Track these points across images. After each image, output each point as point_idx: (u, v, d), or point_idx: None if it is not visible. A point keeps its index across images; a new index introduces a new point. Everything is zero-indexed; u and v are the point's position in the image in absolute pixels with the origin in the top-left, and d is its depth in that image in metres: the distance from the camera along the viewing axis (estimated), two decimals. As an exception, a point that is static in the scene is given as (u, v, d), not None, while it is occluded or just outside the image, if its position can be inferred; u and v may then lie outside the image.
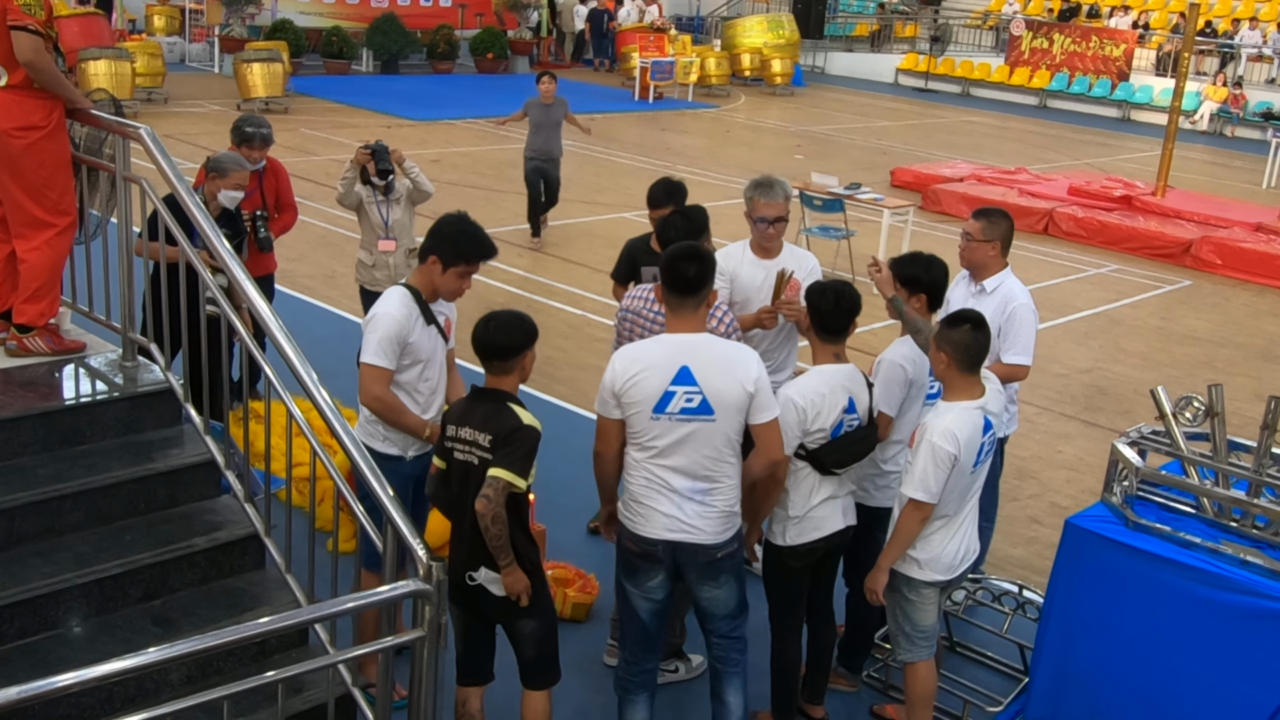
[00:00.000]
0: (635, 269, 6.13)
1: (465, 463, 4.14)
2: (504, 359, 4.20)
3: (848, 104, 28.24)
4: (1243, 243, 14.37)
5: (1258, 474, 4.78)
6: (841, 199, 12.38)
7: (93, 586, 4.31)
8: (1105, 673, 4.87)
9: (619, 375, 4.27)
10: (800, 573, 4.84)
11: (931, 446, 4.50)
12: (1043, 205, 15.80)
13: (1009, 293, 5.59)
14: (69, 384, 5.17)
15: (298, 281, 10.55)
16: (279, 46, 21.84)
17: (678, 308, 4.33)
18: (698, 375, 4.22)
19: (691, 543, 4.34)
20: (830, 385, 4.65)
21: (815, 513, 4.71)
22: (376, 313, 4.63)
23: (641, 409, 4.24)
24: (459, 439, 4.16)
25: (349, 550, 5.07)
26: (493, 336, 4.19)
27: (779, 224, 5.60)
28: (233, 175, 6.44)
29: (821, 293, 4.76)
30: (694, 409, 4.22)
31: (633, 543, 4.41)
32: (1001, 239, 5.64)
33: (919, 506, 4.56)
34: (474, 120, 21.33)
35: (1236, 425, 5.37)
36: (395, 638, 3.79)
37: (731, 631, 4.60)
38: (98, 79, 17.05)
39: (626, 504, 4.43)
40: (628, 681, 4.61)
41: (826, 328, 4.73)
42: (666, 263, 4.33)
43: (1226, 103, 27.36)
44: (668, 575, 4.43)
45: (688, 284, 4.28)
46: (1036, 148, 23.24)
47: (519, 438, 4.05)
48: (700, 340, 4.32)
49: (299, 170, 14.55)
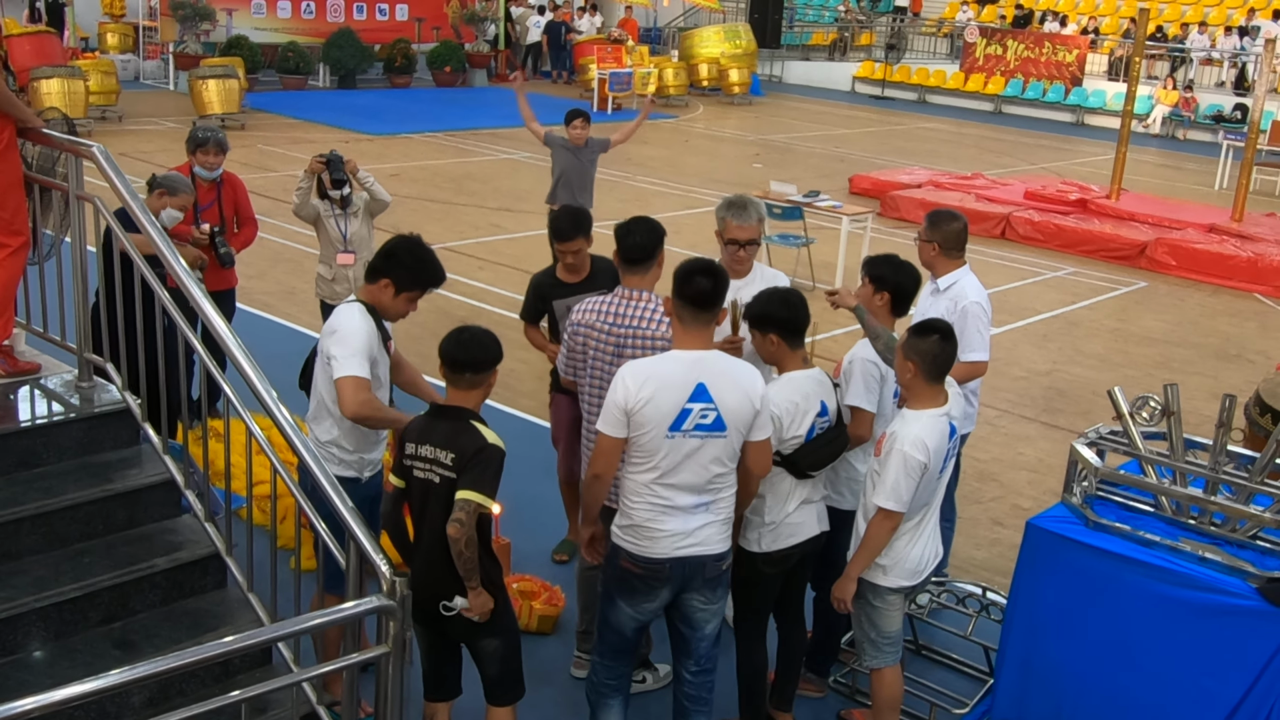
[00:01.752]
0: (544, 305, 5.93)
1: (425, 481, 4.11)
2: (475, 372, 4.18)
3: (805, 112, 28.39)
4: (1196, 244, 14.54)
5: (1214, 471, 4.84)
6: (800, 207, 12.45)
7: (51, 610, 4.26)
8: (1069, 672, 4.91)
9: (631, 393, 4.18)
10: (772, 579, 4.83)
11: (903, 456, 4.51)
12: (999, 210, 15.93)
13: (960, 291, 5.68)
14: (24, 406, 5.11)
15: (256, 298, 10.49)
16: (234, 63, 21.72)
17: (690, 323, 4.27)
18: (713, 392, 4.19)
19: (700, 555, 4.32)
20: (803, 392, 4.64)
21: (791, 519, 4.70)
22: (342, 327, 4.56)
23: (655, 427, 4.18)
24: (419, 457, 4.12)
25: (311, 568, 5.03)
26: (467, 350, 4.17)
27: (751, 247, 5.40)
28: (181, 195, 6.41)
29: (782, 303, 4.68)
30: (709, 425, 4.20)
31: (637, 565, 4.33)
32: (940, 240, 5.72)
33: (889, 516, 4.57)
34: (432, 134, 21.29)
35: (1193, 424, 5.41)
36: (360, 654, 3.77)
37: (707, 663, 4.56)
38: (50, 98, 16.89)
39: (628, 529, 4.34)
40: (602, 686, 4.58)
41: (797, 331, 4.67)
42: (682, 277, 4.27)
43: (1178, 106, 27.70)
44: (671, 592, 4.39)
45: (703, 299, 4.23)
46: (992, 153, 23.44)
47: (485, 458, 4.03)
48: (712, 357, 4.29)
49: (256, 186, 14.46)
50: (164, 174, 6.59)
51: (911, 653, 5.70)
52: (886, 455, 4.57)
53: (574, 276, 5.81)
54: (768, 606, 4.94)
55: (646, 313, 4.85)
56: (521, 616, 5.52)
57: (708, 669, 4.57)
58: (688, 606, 4.45)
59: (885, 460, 4.57)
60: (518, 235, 13.75)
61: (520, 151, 20.05)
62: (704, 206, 16.21)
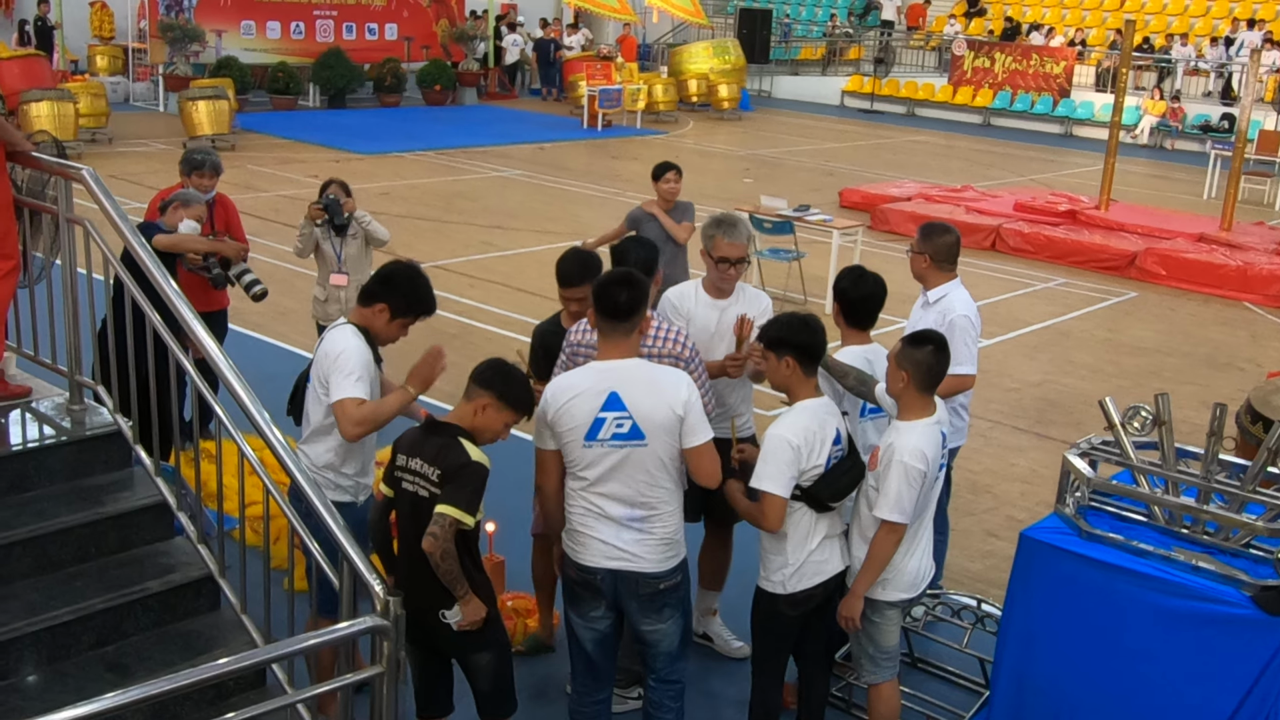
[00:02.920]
0: (552, 357, 5.17)
1: (413, 494, 4.12)
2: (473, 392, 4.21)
3: (795, 127, 28.47)
4: (1186, 253, 14.59)
5: (1206, 480, 4.84)
6: (791, 221, 12.47)
7: (44, 634, 4.25)
8: (1065, 682, 4.90)
9: (549, 404, 4.28)
10: (794, 620, 4.70)
11: (904, 467, 4.50)
12: (989, 222, 15.97)
13: (948, 305, 5.71)
14: (15, 429, 5.10)
15: (248, 319, 10.46)
16: (224, 83, 21.74)
17: (609, 334, 4.32)
18: (626, 400, 4.21)
19: (632, 571, 4.31)
20: (819, 420, 4.54)
21: (815, 557, 4.58)
22: (339, 349, 4.53)
23: (573, 437, 4.24)
24: (408, 469, 4.13)
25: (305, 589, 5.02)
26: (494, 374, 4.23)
27: (740, 265, 5.35)
28: (194, 206, 6.62)
29: (802, 326, 4.55)
30: (625, 434, 4.21)
31: (574, 570, 4.39)
32: (932, 252, 5.75)
33: (894, 529, 4.55)
34: (423, 152, 21.32)
35: (1185, 433, 5.42)
36: (354, 675, 3.76)
37: (670, 675, 4.55)
38: (40, 120, 16.89)
39: (568, 533, 4.42)
40: (579, 714, 4.60)
41: (816, 357, 4.56)
42: (598, 289, 4.33)
43: (1165, 116, 27.82)
44: (609, 607, 4.40)
45: (618, 310, 4.27)
46: (982, 165, 23.51)
47: (467, 474, 4.03)
48: (629, 365, 4.31)
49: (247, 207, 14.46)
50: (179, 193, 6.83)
51: (907, 665, 5.69)
52: (885, 468, 4.55)
53: None
54: (787, 647, 4.81)
55: (654, 330, 4.84)
56: (515, 634, 5.51)
57: (670, 679, 4.57)
58: (634, 624, 4.46)
59: (885, 473, 4.55)
60: (509, 253, 13.77)
61: (511, 169, 20.09)
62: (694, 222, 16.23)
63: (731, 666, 5.67)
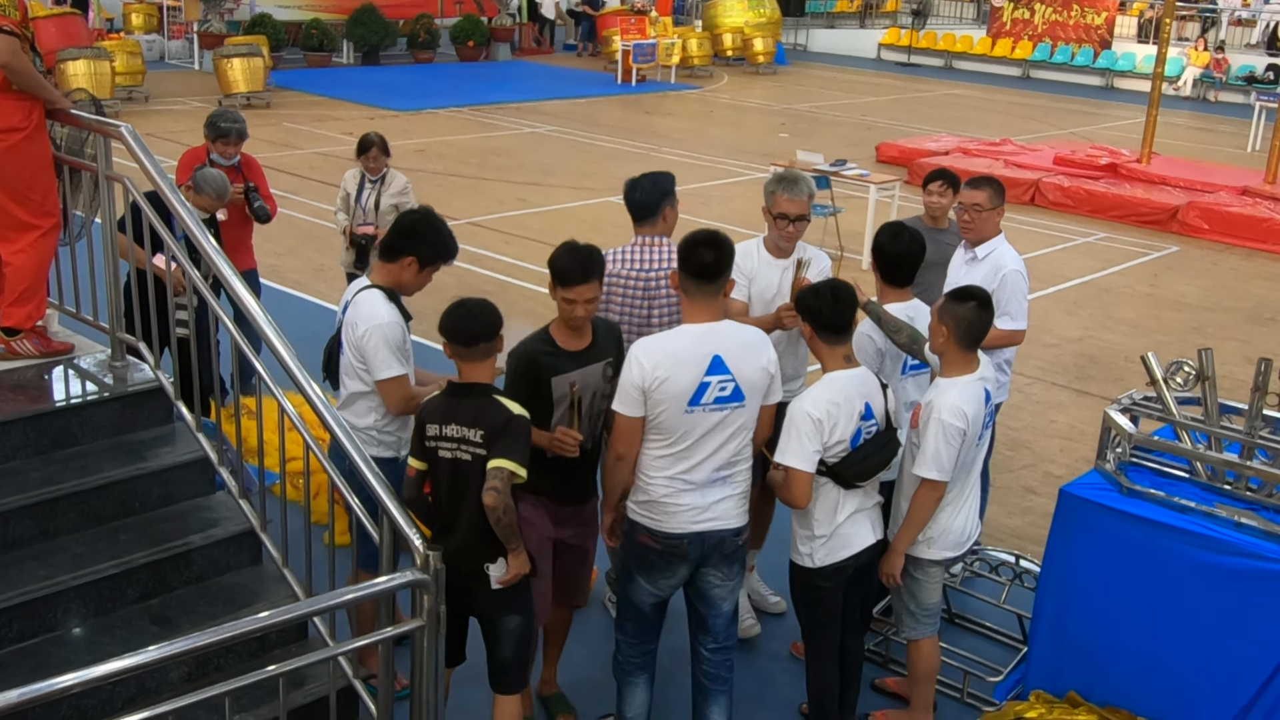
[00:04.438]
0: (536, 380, 4.44)
1: (453, 460, 4.08)
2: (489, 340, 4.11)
3: (831, 81, 28.19)
4: (1229, 207, 14.38)
5: (1250, 436, 4.80)
6: (827, 176, 12.37)
7: (90, 588, 4.31)
8: (1103, 639, 4.89)
9: (647, 372, 4.13)
10: (831, 593, 4.63)
11: (942, 424, 4.47)
12: (1029, 176, 15.80)
13: (999, 259, 5.65)
14: (59, 386, 5.15)
15: (286, 276, 10.53)
16: (258, 41, 21.75)
17: (697, 295, 4.22)
18: (730, 363, 4.14)
19: (718, 530, 4.27)
20: (844, 393, 4.40)
21: (843, 529, 4.51)
22: (370, 325, 4.49)
23: (672, 404, 4.12)
24: (444, 437, 4.09)
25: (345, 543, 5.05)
26: (479, 321, 4.10)
27: (800, 223, 5.19)
28: (205, 198, 6.30)
29: (815, 294, 4.49)
30: (727, 397, 4.15)
31: (656, 540, 4.28)
32: (1002, 205, 5.74)
33: (934, 486, 4.53)
34: (457, 109, 21.27)
35: (1227, 389, 5.36)
36: (395, 628, 3.79)
37: (727, 639, 4.51)
38: (77, 79, 16.97)
39: (645, 505, 4.30)
40: (628, 664, 4.55)
41: (829, 326, 4.44)
42: (685, 249, 4.23)
43: (1209, 67, 27.36)
44: (689, 569, 4.35)
45: (705, 270, 4.18)
46: (1021, 119, 23.22)
47: (514, 427, 4.02)
48: (724, 327, 4.23)
49: (283, 165, 14.53)
50: (203, 172, 6.49)
51: (945, 621, 5.68)
52: (924, 426, 4.53)
53: (577, 341, 4.48)
54: (834, 621, 4.69)
55: (666, 254, 5.08)
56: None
57: (727, 645, 4.52)
58: (704, 583, 4.40)
59: (924, 431, 4.52)
60: (544, 209, 13.74)
61: (545, 125, 20.03)
62: (730, 178, 16.17)
63: (770, 621, 5.69)
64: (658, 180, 5.23)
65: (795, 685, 5.06)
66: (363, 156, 7.79)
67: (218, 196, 6.40)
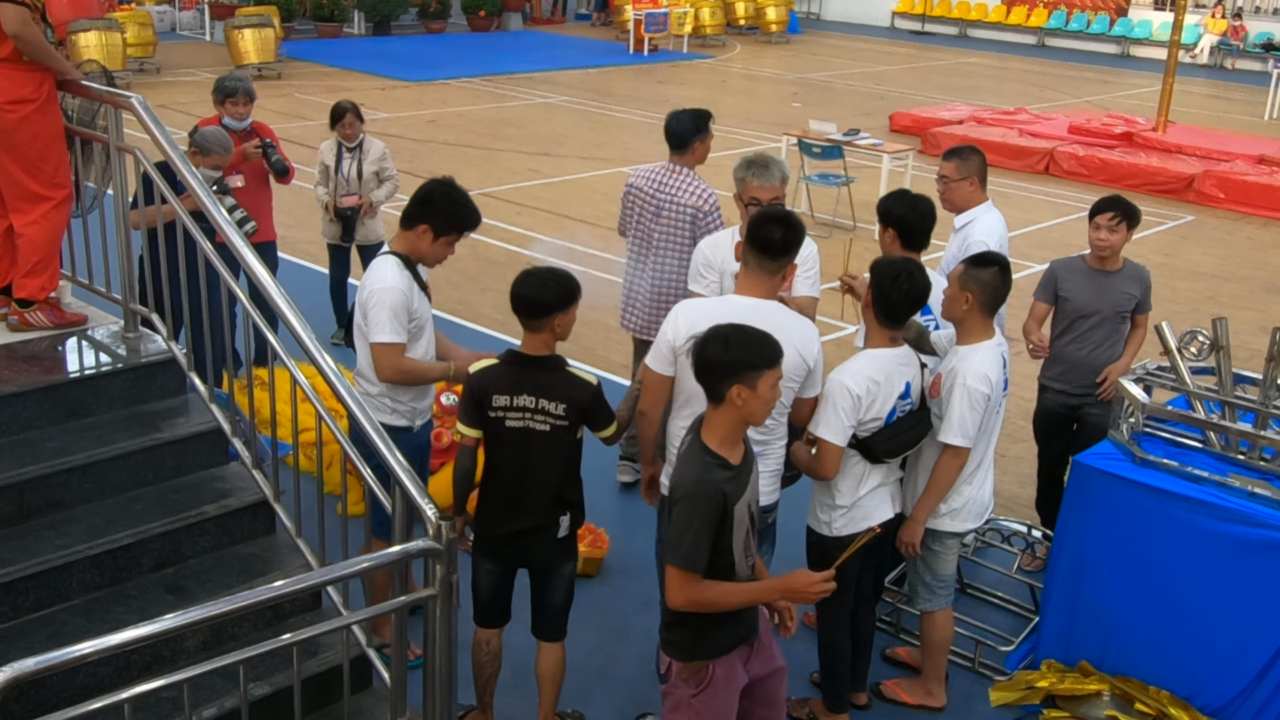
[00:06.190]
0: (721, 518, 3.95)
1: (525, 430, 4.17)
2: (564, 309, 4.18)
3: (844, 49, 28.01)
4: (1245, 176, 14.28)
5: (1264, 406, 4.78)
6: (840, 145, 12.32)
7: (105, 557, 4.33)
8: (1115, 608, 4.89)
9: (682, 331, 4.12)
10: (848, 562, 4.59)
11: (967, 390, 4.45)
12: (1043, 145, 15.70)
13: (970, 231, 5.54)
14: (72, 357, 5.17)
15: (298, 248, 10.53)
16: (269, 11, 21.69)
17: (754, 269, 4.18)
18: None
19: None
20: (885, 371, 4.37)
21: (864, 502, 4.51)
22: (376, 288, 4.55)
23: None
24: (515, 407, 4.16)
25: (359, 513, 5.09)
26: (552, 290, 4.16)
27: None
28: (213, 156, 6.41)
29: (894, 278, 4.33)
30: None
31: None
32: (977, 174, 5.65)
33: (958, 454, 4.53)
34: (468, 79, 21.20)
35: (1242, 359, 5.35)
36: (407, 597, 3.81)
37: None
38: (88, 50, 16.98)
39: None
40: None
41: (890, 315, 4.37)
42: (755, 222, 4.20)
43: (1226, 35, 27.11)
44: None
45: (771, 246, 4.14)
46: (1036, 87, 23.06)
47: (601, 398, 4.21)
48: (770, 307, 4.17)
49: (295, 135, 14.50)
50: (201, 130, 6.60)
51: (957, 591, 5.69)
52: (949, 393, 4.50)
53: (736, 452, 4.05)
54: (849, 590, 4.65)
55: (684, 182, 6.04)
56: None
57: None
58: None
59: (948, 398, 4.50)
60: (555, 180, 13.70)
61: (557, 95, 19.96)
62: (743, 147, 16.08)
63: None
64: (696, 115, 6.10)
65: (807, 654, 5.07)
66: (338, 125, 7.86)
67: (224, 150, 6.48)
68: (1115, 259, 5.55)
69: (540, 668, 4.49)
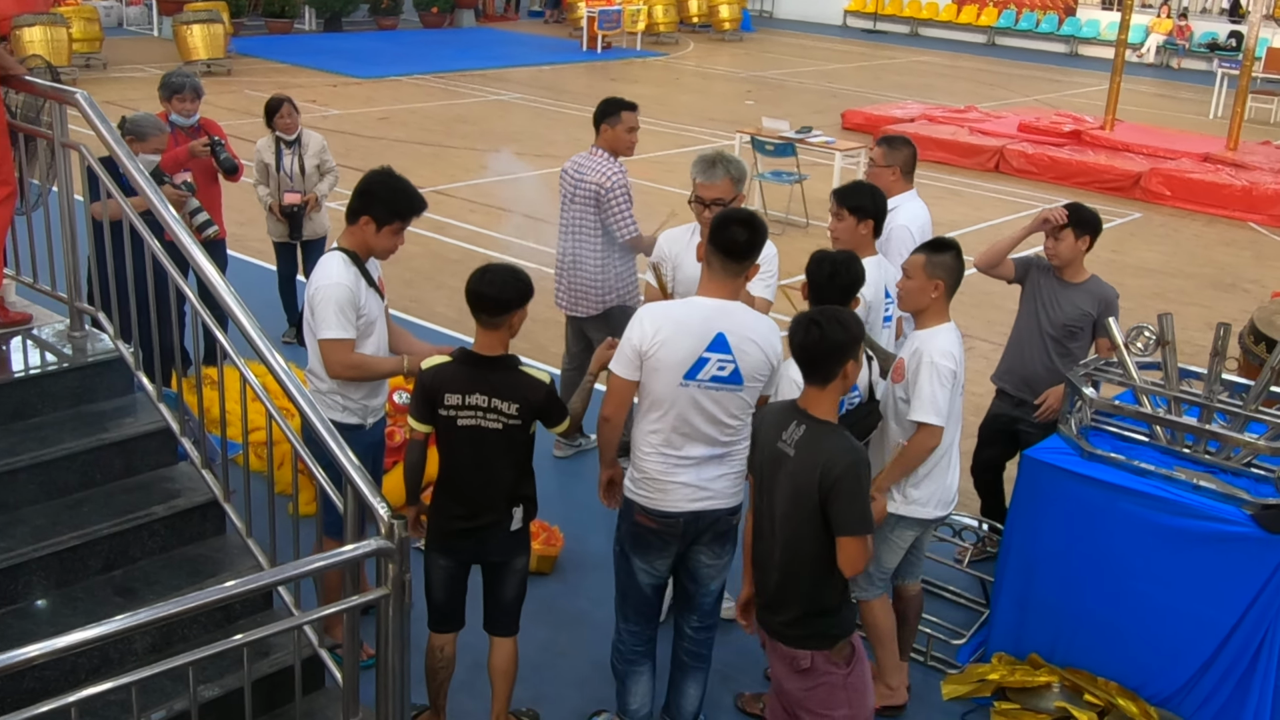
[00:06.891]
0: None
1: (476, 428, 4.15)
2: (520, 307, 4.18)
3: (797, 48, 28.13)
4: (1191, 174, 14.49)
5: (1209, 400, 4.85)
6: (793, 143, 12.37)
7: (52, 559, 4.27)
8: (1065, 602, 4.94)
9: (647, 335, 4.08)
10: None
11: (934, 367, 4.46)
12: (993, 143, 15.85)
13: (893, 216, 5.49)
14: (16, 357, 5.09)
15: (249, 245, 10.43)
16: (218, 7, 21.47)
17: (718, 271, 4.13)
18: (733, 343, 4.06)
19: (712, 509, 4.24)
20: None
21: None
22: (321, 284, 4.53)
23: (670, 374, 4.06)
24: (467, 405, 4.14)
25: (310, 513, 5.05)
26: (509, 287, 4.15)
27: (716, 207, 4.86)
28: (152, 140, 6.33)
29: (819, 262, 4.41)
30: (725, 378, 4.07)
31: (650, 519, 4.25)
32: (901, 164, 5.80)
33: (932, 433, 4.50)
34: (421, 76, 21.09)
35: (1189, 354, 5.43)
36: (360, 597, 3.78)
37: (711, 618, 4.51)
38: (33, 46, 16.74)
39: (640, 482, 4.26)
40: (630, 652, 4.51)
41: (821, 301, 4.36)
42: (718, 223, 4.15)
43: (1172, 35, 27.48)
44: (682, 546, 4.31)
45: (736, 248, 4.08)
46: (986, 85, 23.27)
47: (554, 397, 4.21)
48: (734, 308, 4.14)
49: (245, 132, 14.35)
50: (132, 116, 6.50)
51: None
52: (914, 373, 4.50)
53: None
54: None
55: (593, 163, 6.48)
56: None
57: (709, 625, 4.52)
58: (694, 562, 4.38)
59: (915, 377, 4.49)
60: (509, 177, 13.66)
61: (510, 92, 19.89)
62: (697, 145, 16.11)
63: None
64: (607, 102, 6.54)
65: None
66: (275, 117, 7.79)
67: (159, 130, 6.46)
68: (1073, 270, 5.51)
69: (493, 663, 4.48)
